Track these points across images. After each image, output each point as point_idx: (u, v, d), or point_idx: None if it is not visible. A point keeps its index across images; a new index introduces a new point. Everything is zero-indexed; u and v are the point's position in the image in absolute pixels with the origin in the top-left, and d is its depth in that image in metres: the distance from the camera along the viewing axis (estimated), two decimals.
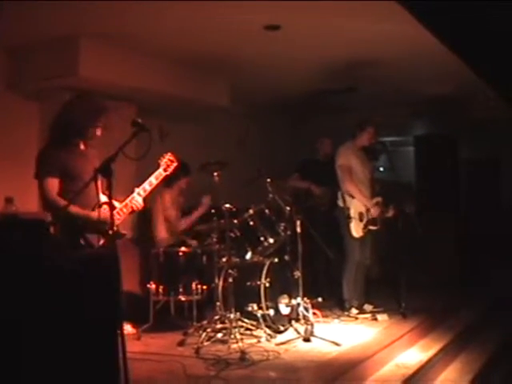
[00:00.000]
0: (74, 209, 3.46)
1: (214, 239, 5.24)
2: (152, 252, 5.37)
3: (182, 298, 5.24)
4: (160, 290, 5.18)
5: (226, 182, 5.08)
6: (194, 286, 5.23)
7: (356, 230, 5.70)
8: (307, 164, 7.00)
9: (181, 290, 5.22)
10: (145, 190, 3.84)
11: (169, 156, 4.08)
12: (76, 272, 2.72)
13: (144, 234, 6.05)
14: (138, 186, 3.89)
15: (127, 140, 3.46)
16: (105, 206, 3.47)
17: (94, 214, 3.44)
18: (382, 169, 6.52)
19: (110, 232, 3.31)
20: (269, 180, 5.40)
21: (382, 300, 6.01)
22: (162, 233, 5.76)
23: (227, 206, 4.92)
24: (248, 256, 5.32)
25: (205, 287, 5.30)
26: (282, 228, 5.30)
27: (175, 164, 4.09)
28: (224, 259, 5.15)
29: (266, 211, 5.33)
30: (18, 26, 5.13)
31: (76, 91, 5.79)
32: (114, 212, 3.49)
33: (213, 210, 5.18)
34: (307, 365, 4.22)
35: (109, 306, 2.81)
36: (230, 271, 4.88)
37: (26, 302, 2.54)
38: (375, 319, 5.56)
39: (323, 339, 4.76)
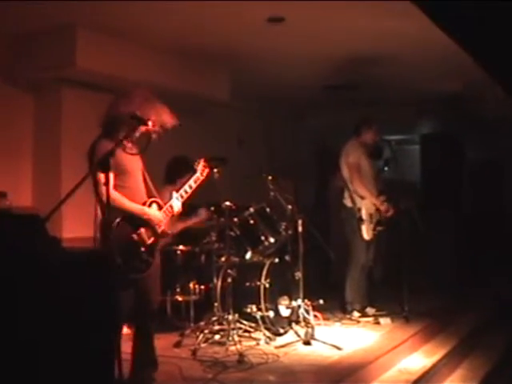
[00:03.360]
0: (130, 204, 3.55)
1: (213, 238, 5.24)
2: None
3: (179, 298, 5.24)
4: None
5: (226, 178, 5.06)
6: (191, 285, 5.24)
7: (367, 232, 5.68)
8: None
9: (178, 289, 5.22)
10: (186, 192, 3.96)
11: (203, 162, 4.20)
12: (70, 269, 2.70)
13: None
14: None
15: (126, 134, 3.45)
16: (154, 205, 3.67)
17: (149, 211, 3.62)
18: (386, 168, 6.50)
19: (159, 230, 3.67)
20: (270, 178, 5.38)
21: (385, 303, 6.00)
22: None
23: (227, 203, 4.90)
24: (248, 256, 5.30)
25: (203, 287, 5.30)
26: (283, 227, 5.29)
27: (207, 170, 4.20)
28: (223, 259, 5.14)
29: (267, 210, 5.32)
30: (13, 15, 5.10)
31: (73, 83, 5.80)
32: (161, 212, 3.70)
33: (212, 208, 5.16)
34: (307, 369, 4.22)
35: (103, 304, 2.80)
36: (228, 271, 4.87)
37: (19, 297, 2.52)
38: (378, 323, 5.56)
39: (324, 343, 4.75)
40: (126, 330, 4.88)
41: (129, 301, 3.58)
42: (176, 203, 3.85)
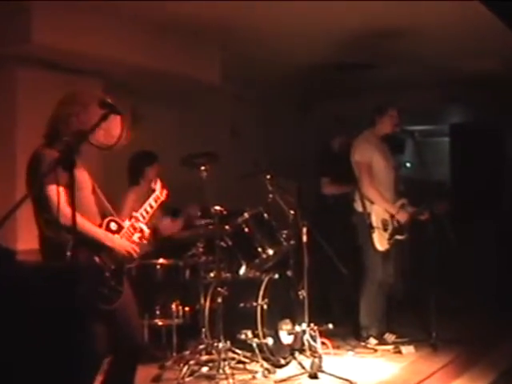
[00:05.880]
0: (88, 225, 3.51)
1: (200, 249, 5.25)
2: None
3: (159, 322, 5.24)
4: None
5: (216, 178, 5.07)
6: (173, 307, 5.23)
7: (380, 241, 5.70)
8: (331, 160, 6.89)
9: (157, 311, 5.23)
10: (147, 212, 3.92)
11: (159, 182, 4.17)
12: (26, 286, 2.71)
13: None
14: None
15: (94, 124, 3.45)
16: (112, 225, 3.63)
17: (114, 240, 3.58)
18: (408, 164, 6.51)
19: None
20: (268, 177, 5.39)
21: (408, 328, 6.02)
22: None
23: (217, 208, 4.91)
24: (242, 271, 5.32)
25: (187, 309, 5.30)
26: (283, 236, 5.31)
27: (166, 192, 4.15)
28: (212, 274, 5.16)
29: (265, 215, 5.34)
30: None
31: (29, 62, 5.79)
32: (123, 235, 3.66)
33: (199, 213, 5.17)
34: None
35: (67, 329, 2.80)
36: (219, 289, 4.90)
37: None
38: (399, 352, 5.58)
39: (334, 376, 4.77)
40: None
41: (104, 335, 3.57)
42: (142, 227, 3.81)
